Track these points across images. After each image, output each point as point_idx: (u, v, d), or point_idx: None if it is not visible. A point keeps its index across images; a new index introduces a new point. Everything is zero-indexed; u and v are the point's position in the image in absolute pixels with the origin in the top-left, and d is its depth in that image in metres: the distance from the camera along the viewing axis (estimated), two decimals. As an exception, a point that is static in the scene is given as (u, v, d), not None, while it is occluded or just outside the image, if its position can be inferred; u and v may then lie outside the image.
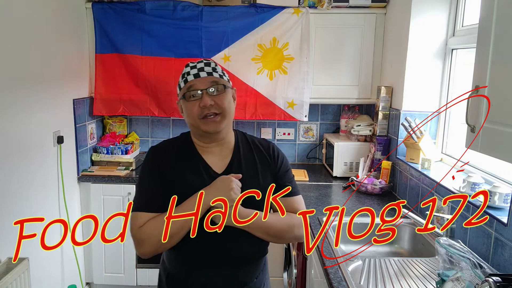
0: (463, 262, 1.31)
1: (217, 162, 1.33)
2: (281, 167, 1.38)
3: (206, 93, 1.26)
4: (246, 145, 1.39)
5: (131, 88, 2.89)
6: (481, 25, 1.05)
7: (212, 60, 1.32)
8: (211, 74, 1.28)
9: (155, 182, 1.28)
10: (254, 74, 2.84)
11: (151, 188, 1.28)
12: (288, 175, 1.40)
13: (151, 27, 2.78)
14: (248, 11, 2.77)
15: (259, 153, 1.38)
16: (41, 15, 2.26)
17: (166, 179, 1.27)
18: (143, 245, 1.22)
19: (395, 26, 2.61)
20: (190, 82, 1.28)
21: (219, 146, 1.34)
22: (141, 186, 1.30)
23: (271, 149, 1.40)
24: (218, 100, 1.26)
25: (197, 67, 1.29)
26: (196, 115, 1.26)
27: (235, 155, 1.35)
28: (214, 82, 1.27)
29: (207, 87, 1.26)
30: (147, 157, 1.34)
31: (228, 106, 1.29)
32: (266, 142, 1.43)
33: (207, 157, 1.33)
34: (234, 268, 1.29)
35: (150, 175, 1.30)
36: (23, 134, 2.12)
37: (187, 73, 1.30)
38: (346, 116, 3.03)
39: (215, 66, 1.32)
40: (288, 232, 1.32)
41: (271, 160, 1.37)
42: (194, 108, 1.26)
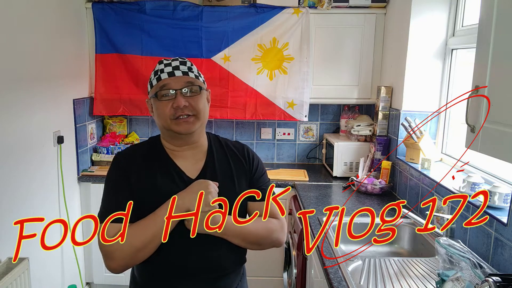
0: (463, 262, 1.31)
1: (190, 167, 1.24)
2: (256, 170, 1.32)
3: (180, 94, 1.17)
4: (220, 148, 1.32)
5: (131, 88, 2.89)
6: (481, 25, 1.05)
7: (188, 60, 1.25)
8: (187, 74, 1.20)
9: (123, 190, 1.18)
10: (254, 74, 2.84)
11: (119, 198, 1.17)
12: (263, 178, 1.33)
13: (151, 27, 2.78)
14: (248, 11, 2.77)
15: (234, 156, 1.31)
16: (41, 15, 2.26)
17: (134, 186, 1.18)
18: (113, 258, 1.11)
19: (395, 26, 2.61)
20: (163, 80, 1.19)
21: (191, 149, 1.26)
22: (108, 196, 1.20)
23: (246, 152, 1.33)
24: (193, 101, 1.18)
25: (171, 65, 1.20)
26: (168, 115, 1.18)
27: (208, 159, 1.27)
28: (189, 82, 1.19)
29: (182, 87, 1.18)
30: (113, 164, 1.24)
31: (202, 108, 1.21)
32: (240, 144, 1.37)
33: (179, 161, 1.24)
34: (210, 278, 1.21)
35: (117, 183, 1.20)
36: (23, 134, 2.12)
37: (160, 70, 1.20)
38: (346, 116, 3.03)
39: (191, 66, 1.24)
40: (267, 238, 1.25)
41: (246, 164, 1.31)
42: (166, 109, 1.18)
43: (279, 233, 1.28)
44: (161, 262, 1.19)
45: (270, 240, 1.27)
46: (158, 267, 1.20)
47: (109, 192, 1.20)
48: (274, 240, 1.27)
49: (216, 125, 3.20)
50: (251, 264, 1.96)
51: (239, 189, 1.26)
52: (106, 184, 1.23)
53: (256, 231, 1.23)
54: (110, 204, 1.18)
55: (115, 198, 1.18)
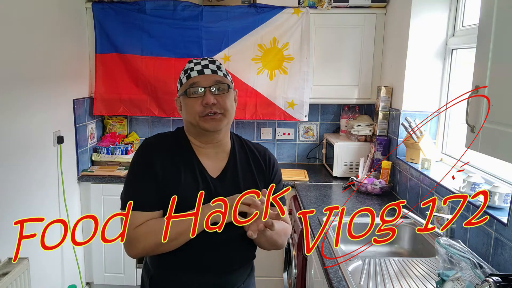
0: (463, 262, 1.31)
1: (212, 166, 1.27)
2: (274, 177, 1.35)
3: (209, 91, 1.21)
4: (242, 149, 1.34)
5: (131, 88, 2.89)
6: (481, 25, 1.05)
7: (216, 59, 1.29)
8: (216, 73, 1.24)
9: (149, 178, 1.19)
10: (254, 74, 2.84)
11: (145, 184, 1.19)
12: (279, 186, 1.36)
13: (151, 27, 2.78)
14: (248, 11, 2.77)
15: (255, 159, 1.33)
16: (41, 15, 2.26)
17: (159, 176, 1.19)
18: (137, 245, 1.15)
19: (395, 26, 2.61)
20: (193, 78, 1.22)
21: (215, 148, 1.28)
22: (134, 182, 1.21)
23: (267, 156, 1.36)
24: (221, 99, 1.22)
25: (201, 64, 1.24)
26: (197, 112, 1.20)
27: (231, 160, 1.29)
28: (218, 81, 1.23)
29: (211, 85, 1.21)
30: (140, 150, 1.24)
31: (230, 107, 1.24)
32: (262, 148, 1.38)
33: (202, 159, 1.27)
34: (220, 273, 1.25)
35: (144, 171, 1.20)
36: (23, 134, 2.12)
37: (190, 69, 1.24)
38: (346, 116, 3.03)
39: (220, 65, 1.27)
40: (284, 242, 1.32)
41: (265, 168, 1.33)
42: (195, 106, 1.20)
43: (287, 237, 1.34)
44: (173, 254, 1.20)
45: (282, 244, 1.33)
46: (170, 259, 1.21)
47: (135, 178, 1.21)
48: (283, 243, 1.33)
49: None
50: (251, 264, 1.96)
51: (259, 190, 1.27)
52: (132, 170, 1.23)
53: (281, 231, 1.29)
54: (137, 191, 1.19)
55: (139, 187, 1.19)
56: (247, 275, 1.34)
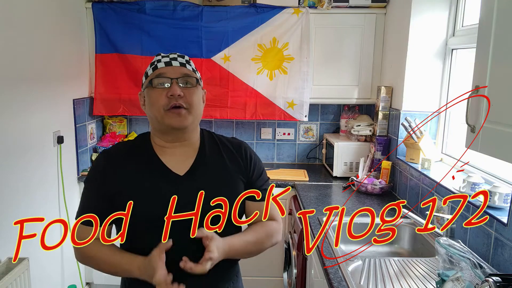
0: (463, 262, 1.31)
1: (179, 164, 1.19)
2: (254, 171, 1.27)
3: (176, 83, 1.14)
4: (213, 145, 1.26)
5: (131, 88, 2.89)
6: (481, 25, 1.05)
7: (185, 55, 1.24)
8: (184, 66, 1.18)
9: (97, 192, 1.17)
10: (254, 74, 2.84)
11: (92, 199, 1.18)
12: (262, 178, 1.29)
13: (151, 27, 2.78)
14: (248, 11, 2.77)
15: (229, 154, 1.26)
16: (41, 15, 2.26)
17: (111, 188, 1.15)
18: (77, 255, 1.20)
19: (395, 26, 2.61)
20: (160, 69, 1.16)
21: (182, 147, 1.22)
22: (83, 197, 1.20)
23: (243, 149, 1.28)
24: (188, 93, 1.14)
25: (169, 56, 1.19)
26: (162, 105, 1.13)
27: (199, 156, 1.22)
28: (186, 74, 1.16)
29: (178, 77, 1.15)
30: (94, 163, 1.21)
31: (197, 102, 1.17)
32: (237, 141, 1.31)
33: (166, 159, 1.20)
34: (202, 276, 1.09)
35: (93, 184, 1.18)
36: (23, 134, 2.12)
37: (157, 60, 1.19)
38: (346, 116, 3.03)
39: (189, 60, 1.22)
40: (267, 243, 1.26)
41: (243, 163, 1.25)
42: (160, 98, 1.13)
43: (278, 235, 1.28)
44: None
45: (270, 244, 1.27)
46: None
47: (83, 192, 1.21)
48: (274, 243, 1.28)
49: (216, 125, 3.20)
50: (251, 264, 1.96)
51: (235, 188, 1.22)
52: (84, 183, 1.22)
53: (258, 240, 1.23)
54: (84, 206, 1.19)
55: (86, 201, 1.19)
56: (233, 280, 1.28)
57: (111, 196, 1.15)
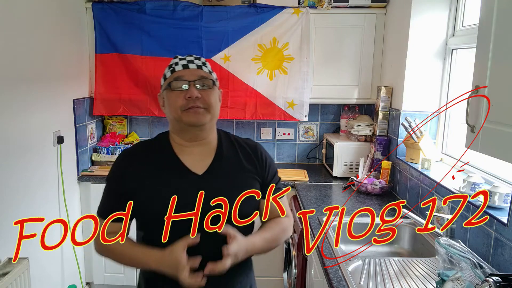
0: (463, 262, 1.31)
1: (197, 163, 1.23)
2: (269, 172, 1.32)
3: (194, 85, 1.19)
4: (230, 144, 1.31)
5: (131, 88, 2.89)
6: (481, 25, 1.05)
7: (201, 57, 1.29)
8: (201, 68, 1.23)
9: (116, 190, 1.22)
10: (254, 74, 2.84)
11: (112, 197, 1.24)
12: (276, 178, 1.34)
13: (151, 27, 2.78)
14: (248, 11, 2.77)
15: (245, 153, 1.30)
16: (41, 15, 2.26)
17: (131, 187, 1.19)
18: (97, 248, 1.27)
19: (395, 26, 2.61)
20: (178, 72, 1.22)
21: (200, 146, 1.26)
22: (104, 195, 1.26)
23: (259, 151, 1.32)
24: (205, 94, 1.20)
25: (186, 59, 1.24)
26: (180, 106, 1.18)
27: (217, 155, 1.26)
28: (202, 76, 1.22)
29: (195, 79, 1.20)
30: (114, 163, 1.27)
31: (214, 102, 1.22)
32: (252, 143, 1.35)
33: (184, 158, 1.24)
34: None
35: (113, 182, 1.24)
36: (23, 134, 2.12)
37: (175, 63, 1.24)
38: (346, 116, 3.03)
39: (205, 62, 1.27)
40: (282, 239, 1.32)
41: (258, 163, 1.30)
42: (178, 99, 1.18)
43: (290, 230, 1.34)
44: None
45: (284, 239, 1.34)
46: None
47: (105, 191, 1.26)
48: (287, 238, 1.37)
49: (216, 125, 3.19)
50: (251, 264, 1.96)
51: (251, 186, 1.26)
52: (106, 179, 1.27)
53: (275, 237, 1.28)
54: (104, 201, 1.26)
55: (108, 199, 1.25)
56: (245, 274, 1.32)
57: (131, 194, 1.20)
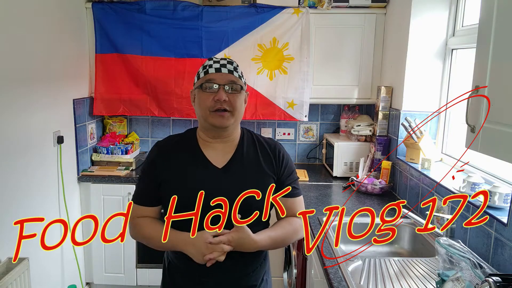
0: (463, 262, 1.31)
1: (218, 157, 1.35)
2: (285, 170, 1.39)
3: (223, 89, 1.29)
4: (251, 143, 1.41)
5: (131, 88, 2.89)
6: (481, 25, 1.05)
7: (234, 61, 1.37)
8: (232, 73, 1.32)
9: (149, 179, 1.35)
10: (254, 74, 2.84)
11: (145, 184, 1.37)
12: (292, 177, 1.41)
13: (151, 27, 2.78)
14: (248, 11, 2.77)
15: (264, 151, 1.39)
16: (41, 15, 2.26)
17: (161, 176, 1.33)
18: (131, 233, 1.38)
19: (395, 26, 2.61)
20: (210, 74, 1.31)
21: (223, 142, 1.37)
22: (138, 181, 1.40)
23: (277, 150, 1.41)
24: (232, 98, 1.30)
25: (220, 62, 1.33)
26: (208, 106, 1.29)
27: (237, 151, 1.37)
28: (232, 81, 1.31)
29: (225, 83, 1.29)
30: (148, 153, 1.42)
31: (239, 106, 1.32)
32: (272, 141, 1.45)
33: (208, 151, 1.36)
34: (233, 258, 1.28)
35: (146, 171, 1.37)
36: (23, 134, 2.12)
37: (209, 65, 1.33)
38: (346, 116, 3.03)
39: (237, 67, 1.35)
40: (293, 238, 1.40)
41: (275, 162, 1.38)
42: (207, 100, 1.29)
43: (302, 231, 1.42)
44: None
45: (295, 239, 1.42)
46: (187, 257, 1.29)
47: (139, 178, 1.41)
48: (299, 238, 1.42)
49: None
50: (251, 264, 1.96)
51: (265, 184, 1.34)
52: (141, 169, 1.42)
53: (285, 236, 1.36)
54: (138, 188, 1.40)
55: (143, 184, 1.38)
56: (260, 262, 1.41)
57: (160, 183, 1.33)
